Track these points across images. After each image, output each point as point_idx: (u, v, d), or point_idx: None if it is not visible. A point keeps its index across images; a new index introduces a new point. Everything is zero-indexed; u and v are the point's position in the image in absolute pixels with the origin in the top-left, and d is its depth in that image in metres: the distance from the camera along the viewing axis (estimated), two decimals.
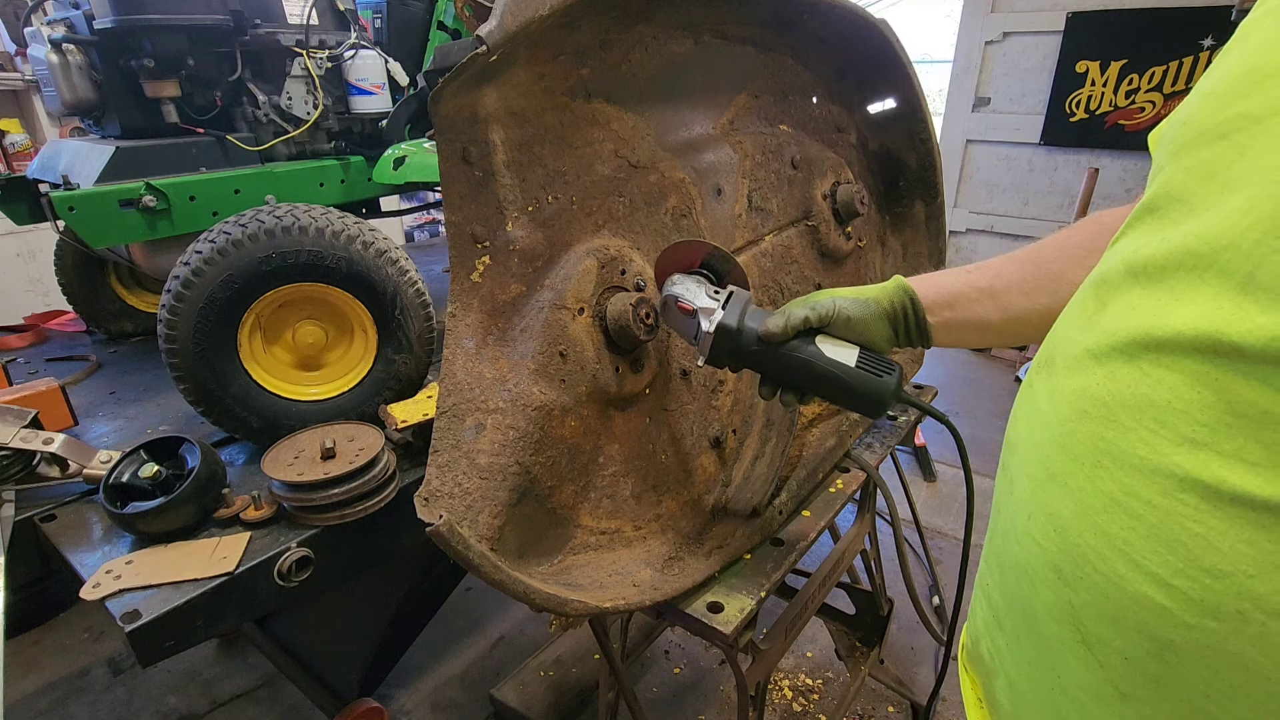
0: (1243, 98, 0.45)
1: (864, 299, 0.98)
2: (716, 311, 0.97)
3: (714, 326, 0.96)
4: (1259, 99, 0.44)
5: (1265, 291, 0.40)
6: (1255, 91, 0.44)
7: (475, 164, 0.96)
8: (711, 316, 0.97)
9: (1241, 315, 0.41)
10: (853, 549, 1.66)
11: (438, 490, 0.92)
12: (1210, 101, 0.48)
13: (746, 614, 1.11)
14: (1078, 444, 0.51)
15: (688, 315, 0.99)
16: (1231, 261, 0.42)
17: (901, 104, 1.73)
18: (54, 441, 1.26)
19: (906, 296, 0.97)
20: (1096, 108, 4.24)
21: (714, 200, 1.33)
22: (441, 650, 2.57)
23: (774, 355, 0.95)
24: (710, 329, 0.96)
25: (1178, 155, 0.50)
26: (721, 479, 1.32)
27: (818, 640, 2.51)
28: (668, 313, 1.03)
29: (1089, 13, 4.13)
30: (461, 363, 0.97)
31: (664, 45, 1.22)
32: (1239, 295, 0.41)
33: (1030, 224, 4.68)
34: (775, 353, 0.95)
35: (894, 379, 0.93)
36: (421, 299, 1.46)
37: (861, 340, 0.96)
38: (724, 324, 0.95)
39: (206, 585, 1.06)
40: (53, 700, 2.37)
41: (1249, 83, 0.45)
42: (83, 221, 1.50)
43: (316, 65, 1.86)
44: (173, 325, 1.24)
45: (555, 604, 0.95)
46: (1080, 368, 0.52)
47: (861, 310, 0.96)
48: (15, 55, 3.55)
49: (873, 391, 0.93)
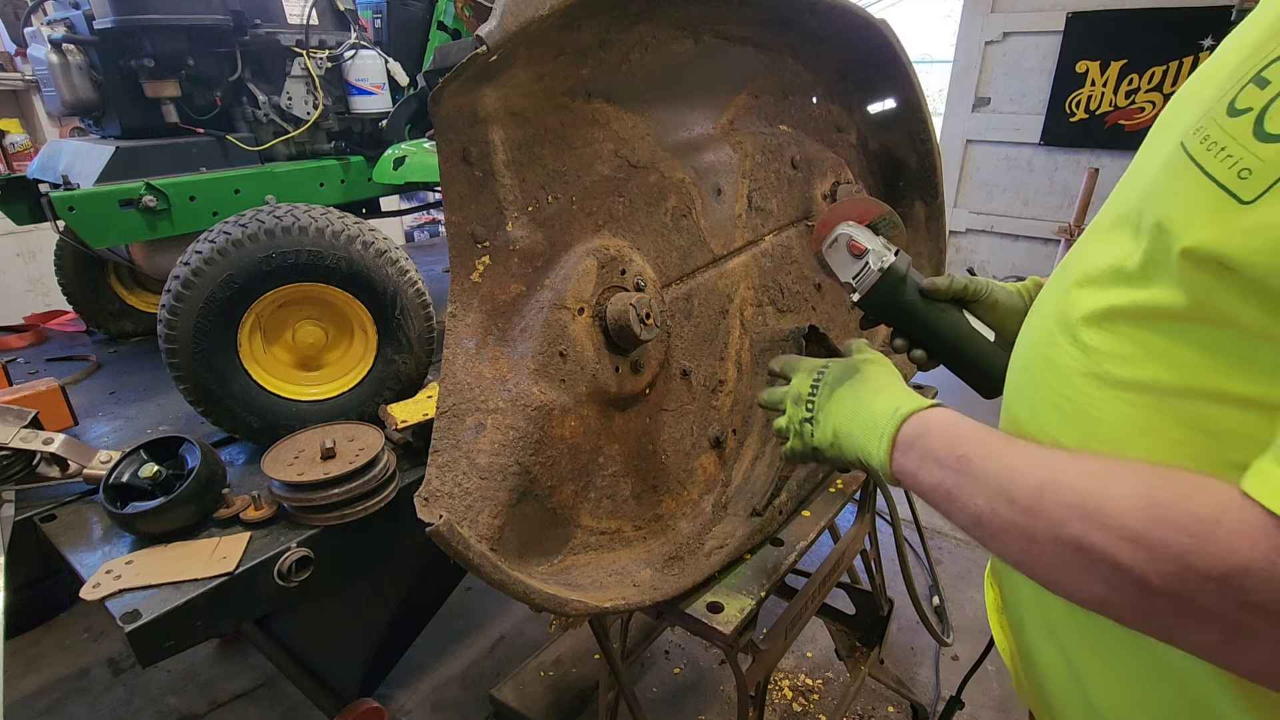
0: (1175, 101, 0.57)
1: (1010, 289, 1.03)
2: (888, 256, 1.02)
3: (885, 265, 1.01)
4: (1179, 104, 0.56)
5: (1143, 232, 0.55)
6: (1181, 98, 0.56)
7: (475, 164, 0.96)
8: (883, 258, 1.02)
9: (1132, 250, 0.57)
10: (853, 549, 1.66)
11: (438, 490, 0.92)
12: (1169, 102, 0.61)
13: (746, 614, 1.11)
14: (1033, 363, 0.68)
15: (857, 255, 1.04)
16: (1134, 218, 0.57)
17: (901, 104, 1.73)
18: (54, 441, 1.26)
19: None
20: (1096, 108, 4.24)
21: (714, 200, 1.33)
22: (441, 650, 2.57)
23: (923, 311, 1.01)
24: (880, 267, 1.01)
25: (1145, 141, 0.62)
26: (721, 479, 1.32)
27: (818, 640, 2.51)
28: (834, 250, 1.07)
29: (1089, 13, 4.13)
30: (461, 363, 0.97)
31: (664, 45, 1.22)
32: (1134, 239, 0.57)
33: (1030, 224, 4.68)
34: (926, 309, 1.01)
35: None
36: (421, 299, 1.46)
37: (997, 326, 1.01)
38: (895, 265, 1.01)
39: (206, 585, 1.06)
40: (53, 700, 2.37)
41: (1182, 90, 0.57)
42: (83, 221, 1.50)
43: (316, 65, 1.86)
44: (173, 325, 1.24)
45: (555, 604, 0.95)
46: (1042, 309, 0.69)
47: (1007, 299, 1.02)
48: (15, 55, 3.55)
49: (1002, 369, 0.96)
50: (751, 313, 1.41)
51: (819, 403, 0.90)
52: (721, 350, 1.34)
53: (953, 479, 0.64)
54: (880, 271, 1.01)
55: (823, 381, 0.92)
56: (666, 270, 1.23)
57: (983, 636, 2.53)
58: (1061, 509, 0.52)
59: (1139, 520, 0.47)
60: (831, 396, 0.89)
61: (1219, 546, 0.44)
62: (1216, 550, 0.44)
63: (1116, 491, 0.50)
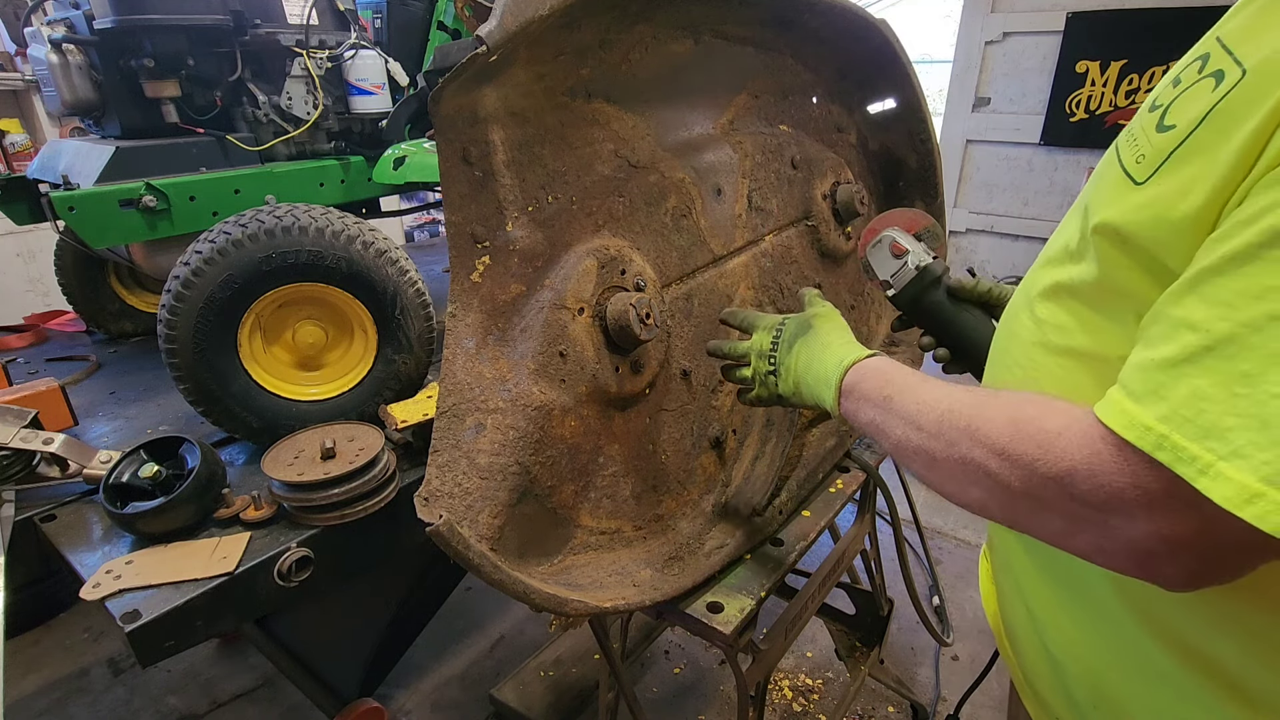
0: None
1: None
2: (925, 258, 1.11)
3: (922, 265, 1.09)
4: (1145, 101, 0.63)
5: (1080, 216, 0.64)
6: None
7: (475, 164, 0.96)
8: (920, 259, 1.11)
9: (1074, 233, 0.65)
10: (853, 549, 1.66)
11: (438, 490, 0.92)
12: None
13: (746, 614, 1.11)
14: (1001, 334, 0.79)
15: (897, 255, 1.12)
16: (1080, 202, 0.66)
17: (901, 104, 1.73)
18: (54, 441, 1.26)
19: None
20: (1096, 108, 4.24)
21: (714, 200, 1.33)
22: (441, 650, 2.57)
23: (951, 312, 1.08)
24: (916, 265, 1.10)
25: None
26: (721, 479, 1.32)
27: (818, 640, 2.51)
28: (877, 250, 1.15)
29: (1089, 13, 4.13)
30: (461, 363, 0.97)
31: (664, 45, 1.22)
32: (1078, 224, 0.64)
33: (1030, 224, 4.68)
34: (954, 311, 1.08)
35: None
36: (421, 299, 1.46)
37: None
38: (931, 266, 1.09)
39: (206, 585, 1.06)
40: (53, 700, 2.37)
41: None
42: (83, 221, 1.50)
43: (316, 65, 1.86)
44: (173, 325, 1.24)
45: (555, 604, 0.95)
46: (1017, 292, 0.78)
47: None
48: (15, 55, 3.55)
49: None
50: None
51: (780, 357, 1.01)
52: None
53: (880, 415, 0.77)
54: (916, 269, 1.09)
55: (782, 338, 1.02)
56: (666, 270, 1.23)
57: (983, 636, 2.53)
58: (953, 432, 0.64)
59: (1005, 437, 0.58)
60: (791, 351, 1.00)
61: (1058, 453, 0.54)
62: (1056, 456, 0.54)
63: (990, 415, 0.61)
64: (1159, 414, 0.48)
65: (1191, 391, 0.47)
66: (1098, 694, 0.70)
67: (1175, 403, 0.48)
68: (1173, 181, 0.53)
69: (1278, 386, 0.43)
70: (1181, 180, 0.52)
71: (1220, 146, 0.49)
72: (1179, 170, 0.53)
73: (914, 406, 0.72)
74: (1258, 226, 0.45)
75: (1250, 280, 0.45)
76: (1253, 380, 0.44)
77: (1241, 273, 0.46)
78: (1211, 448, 0.45)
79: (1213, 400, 0.46)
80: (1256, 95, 0.48)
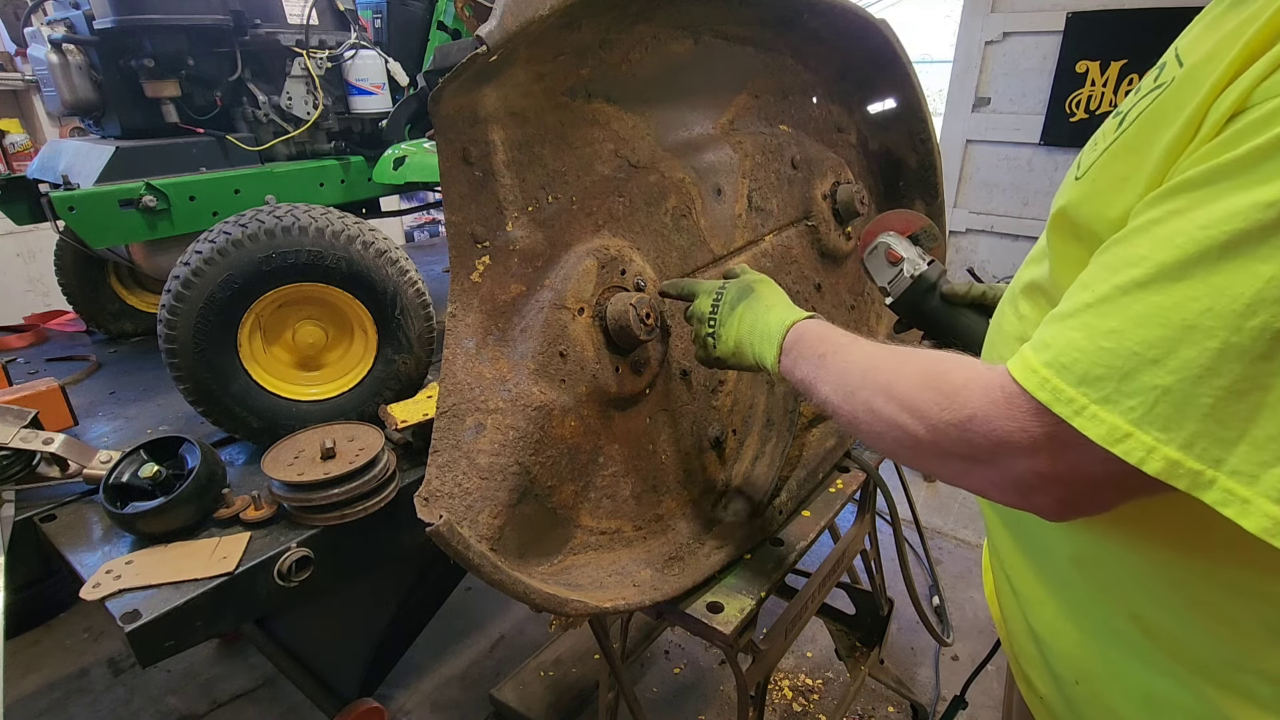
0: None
1: None
2: (920, 265, 1.13)
3: (917, 273, 1.12)
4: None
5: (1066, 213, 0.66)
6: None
7: (475, 164, 0.96)
8: (916, 266, 1.13)
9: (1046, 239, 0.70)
10: (853, 549, 1.66)
11: (438, 490, 0.92)
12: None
13: (746, 614, 1.11)
14: (992, 329, 0.83)
15: (893, 263, 1.14)
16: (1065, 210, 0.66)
17: (901, 104, 1.73)
18: (54, 441, 1.26)
19: None
20: (1096, 108, 4.23)
21: (714, 200, 1.33)
22: (441, 650, 2.57)
23: (948, 316, 1.11)
24: (912, 273, 1.12)
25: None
26: (721, 479, 1.32)
27: (818, 640, 2.51)
28: (873, 256, 1.18)
29: (1089, 13, 4.12)
30: (461, 363, 0.97)
31: (664, 45, 1.22)
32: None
33: (1030, 224, 4.67)
34: (950, 314, 1.10)
35: None
36: (421, 299, 1.46)
37: None
38: (926, 273, 1.12)
39: (206, 585, 1.06)
40: (53, 700, 2.37)
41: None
42: (83, 221, 1.50)
43: (316, 65, 1.86)
44: (173, 325, 1.24)
45: (555, 604, 0.95)
46: (1010, 285, 0.82)
47: None
48: (15, 55, 3.55)
49: None
50: None
51: (720, 318, 1.03)
52: None
53: (813, 371, 0.83)
54: (911, 278, 1.12)
55: (722, 300, 1.04)
56: (666, 270, 1.23)
57: (983, 636, 2.53)
58: (871, 388, 0.70)
59: (914, 390, 0.64)
60: (732, 314, 1.02)
61: (961, 402, 0.60)
62: (958, 405, 0.60)
63: (906, 372, 0.67)
64: (1044, 359, 0.54)
65: (1069, 342, 0.53)
66: (1077, 669, 0.73)
67: (1057, 349, 0.54)
68: (1107, 176, 0.58)
69: (1136, 345, 0.49)
70: (1114, 176, 0.57)
71: (1150, 143, 0.54)
72: (1112, 165, 0.58)
73: (843, 364, 0.78)
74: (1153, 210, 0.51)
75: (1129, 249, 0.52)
76: (1118, 336, 0.50)
77: (1128, 241, 0.52)
78: (1085, 392, 0.51)
79: (1083, 351, 0.52)
80: (1186, 92, 0.51)
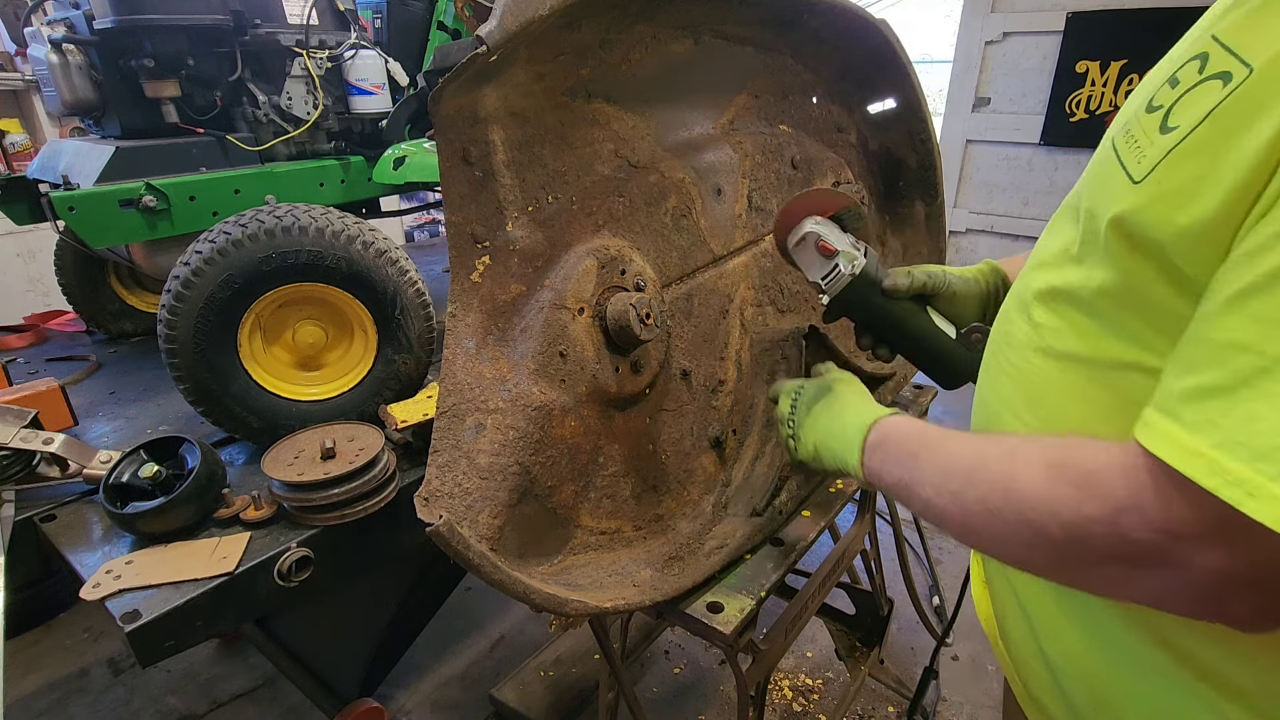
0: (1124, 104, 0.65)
1: (966, 278, 1.07)
2: (859, 258, 1.02)
3: (858, 270, 1.01)
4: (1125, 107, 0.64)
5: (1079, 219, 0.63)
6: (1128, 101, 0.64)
7: (475, 164, 0.96)
8: (854, 261, 1.02)
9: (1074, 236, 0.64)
10: (853, 549, 1.66)
11: (438, 490, 0.92)
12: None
13: (746, 614, 1.11)
14: (997, 339, 0.77)
15: (827, 255, 1.03)
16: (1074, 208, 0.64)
17: (901, 104, 1.73)
18: (54, 441, 1.26)
19: (999, 279, 1.08)
20: (1096, 108, 4.23)
21: (714, 200, 1.33)
22: (441, 650, 2.56)
23: (890, 312, 1.03)
24: (852, 271, 1.02)
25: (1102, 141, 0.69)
26: (721, 479, 1.32)
27: (818, 640, 2.51)
28: (802, 248, 1.06)
29: (1089, 13, 4.12)
30: (461, 363, 0.97)
31: (664, 45, 1.22)
32: (1074, 226, 0.64)
33: (1030, 224, 4.67)
34: (892, 310, 1.03)
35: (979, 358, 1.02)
36: (421, 299, 1.46)
37: (956, 313, 1.06)
38: (867, 270, 1.02)
39: (206, 585, 1.06)
40: (53, 700, 2.37)
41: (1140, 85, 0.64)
42: (83, 221, 1.50)
43: (316, 65, 1.85)
44: (173, 325, 1.24)
45: (555, 604, 0.95)
46: (1010, 292, 0.78)
47: (964, 287, 1.06)
48: (15, 55, 3.55)
49: (961, 365, 1.03)
50: (752, 313, 1.41)
51: (798, 419, 1.00)
52: (721, 350, 1.34)
53: (906, 473, 0.74)
54: (852, 276, 1.02)
55: (799, 402, 1.01)
56: (666, 270, 1.23)
57: (983, 637, 2.53)
58: (984, 486, 0.60)
59: (1040, 484, 0.55)
60: (808, 415, 0.98)
61: (1101, 491, 0.51)
62: (1099, 495, 0.51)
63: (1023, 461, 0.58)
64: (1212, 440, 0.45)
65: (1246, 414, 0.44)
66: (1096, 699, 0.69)
67: (1228, 428, 0.45)
68: (1173, 179, 0.51)
69: None
70: (1183, 179, 0.50)
71: (1227, 146, 0.48)
72: (1179, 168, 0.51)
73: (942, 461, 0.68)
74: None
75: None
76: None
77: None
78: (1262, 469, 0.42)
79: (1267, 422, 0.43)
80: (1268, 95, 0.46)
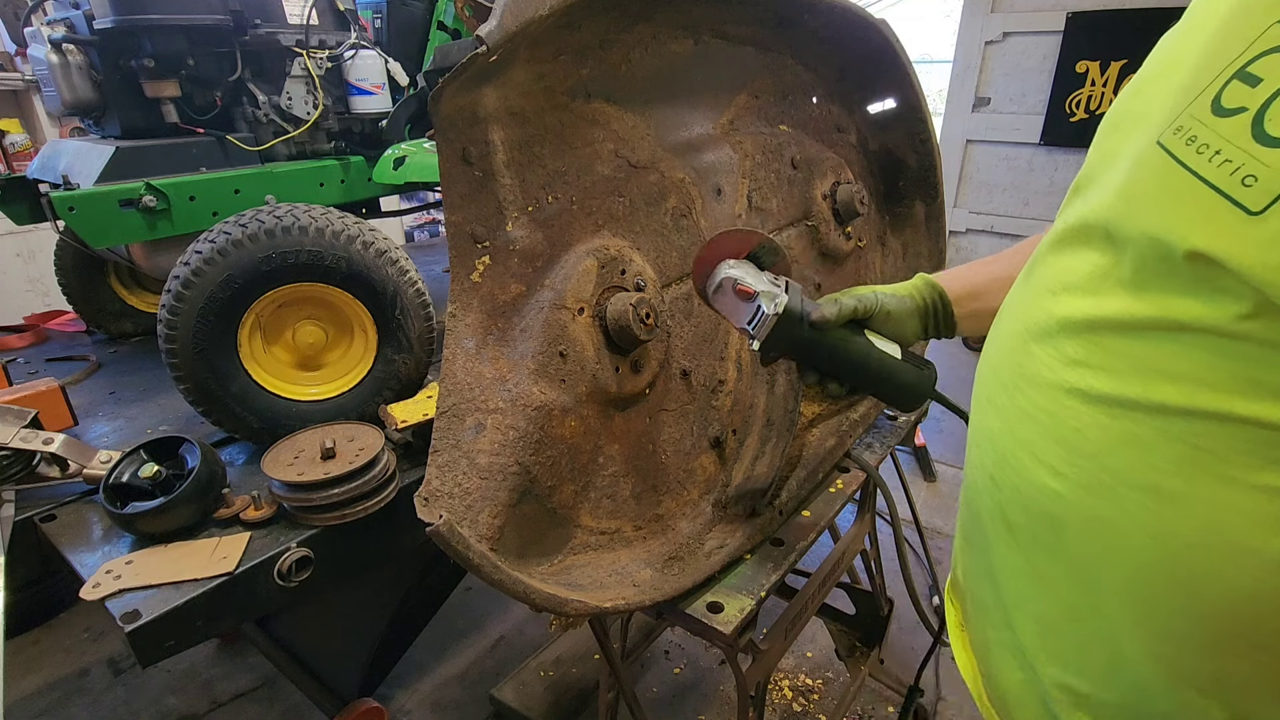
0: (1133, 97, 0.57)
1: (900, 295, 1.04)
2: (780, 295, 0.96)
3: (781, 309, 0.95)
4: (1141, 100, 0.56)
5: (1122, 240, 0.53)
6: (1142, 92, 0.56)
7: (475, 164, 0.96)
8: (775, 300, 0.96)
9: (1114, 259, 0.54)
10: (853, 549, 1.66)
11: (438, 490, 0.92)
12: (1120, 99, 0.60)
13: (746, 614, 1.11)
14: (1005, 372, 0.65)
15: (747, 299, 0.98)
16: (1104, 225, 0.55)
17: (901, 104, 1.73)
18: (54, 441, 1.26)
19: (936, 293, 1.05)
20: (1096, 108, 4.23)
21: (714, 200, 1.33)
22: (441, 650, 2.57)
23: (826, 344, 0.98)
24: (775, 311, 0.95)
25: (1097, 141, 0.61)
26: (721, 479, 1.32)
27: (818, 640, 2.51)
28: (721, 295, 1.02)
29: (1089, 13, 4.13)
30: (461, 363, 0.97)
31: (664, 45, 1.22)
32: (1108, 245, 0.55)
33: (1030, 224, 4.68)
34: (827, 341, 0.98)
35: (932, 373, 0.99)
36: (421, 299, 1.46)
37: (896, 333, 1.03)
38: (791, 307, 0.95)
39: (206, 585, 1.06)
40: (53, 700, 2.37)
41: (1139, 84, 0.57)
42: (83, 221, 1.50)
43: (316, 65, 1.86)
44: (173, 325, 1.24)
45: (555, 604, 0.95)
46: (1011, 315, 0.68)
47: (899, 305, 1.03)
48: (15, 55, 3.55)
49: (914, 383, 0.99)
50: None
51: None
52: (721, 350, 1.34)
53: None
54: (776, 316, 0.95)
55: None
56: (667, 270, 1.23)
57: None
58: None
59: None
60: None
61: None
62: None
63: None
64: None
65: None
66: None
67: None
68: None
69: None
70: None
71: None
72: None
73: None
74: None
75: None
76: None
77: None
78: None
79: None
80: None
